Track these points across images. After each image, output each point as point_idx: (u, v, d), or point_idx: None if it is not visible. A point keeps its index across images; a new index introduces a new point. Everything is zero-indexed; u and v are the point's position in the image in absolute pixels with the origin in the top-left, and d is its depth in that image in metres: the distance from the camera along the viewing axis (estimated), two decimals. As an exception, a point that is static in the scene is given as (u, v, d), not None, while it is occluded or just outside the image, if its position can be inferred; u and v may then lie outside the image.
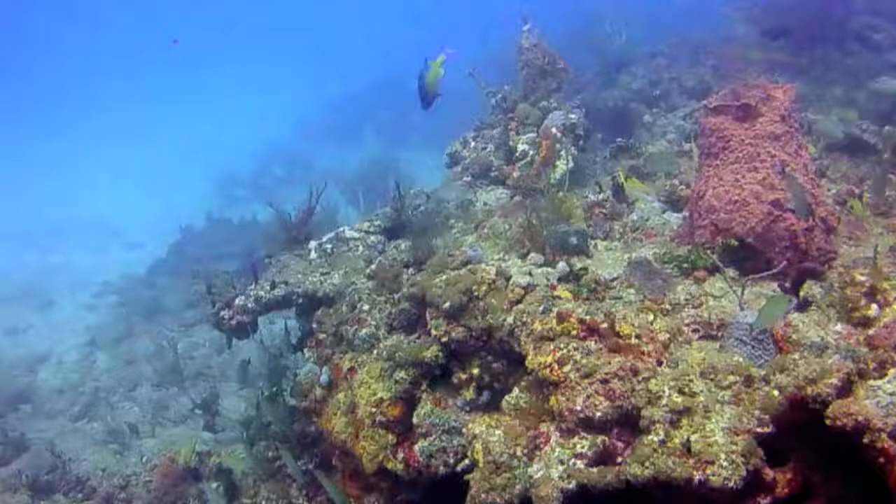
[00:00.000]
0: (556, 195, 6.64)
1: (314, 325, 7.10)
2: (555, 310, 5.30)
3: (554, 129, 7.72)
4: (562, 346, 5.09)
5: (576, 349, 5.03)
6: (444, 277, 5.83)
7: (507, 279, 5.73)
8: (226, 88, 35.83)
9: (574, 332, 5.13)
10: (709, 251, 5.72)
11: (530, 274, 5.73)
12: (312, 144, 26.52)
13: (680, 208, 7.45)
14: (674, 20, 16.47)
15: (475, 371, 5.76)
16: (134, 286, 17.76)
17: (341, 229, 7.79)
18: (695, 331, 5.25)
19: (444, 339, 5.72)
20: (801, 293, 5.22)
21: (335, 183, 20.20)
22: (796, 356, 4.75)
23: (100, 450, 11.27)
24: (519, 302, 5.55)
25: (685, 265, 5.70)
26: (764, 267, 5.65)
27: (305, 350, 7.27)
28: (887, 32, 12.74)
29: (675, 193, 7.43)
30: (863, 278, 5.07)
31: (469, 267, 5.82)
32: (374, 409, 6.08)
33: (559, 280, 5.66)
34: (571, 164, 7.68)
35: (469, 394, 5.80)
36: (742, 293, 5.24)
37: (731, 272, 5.59)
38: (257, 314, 7.39)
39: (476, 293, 5.63)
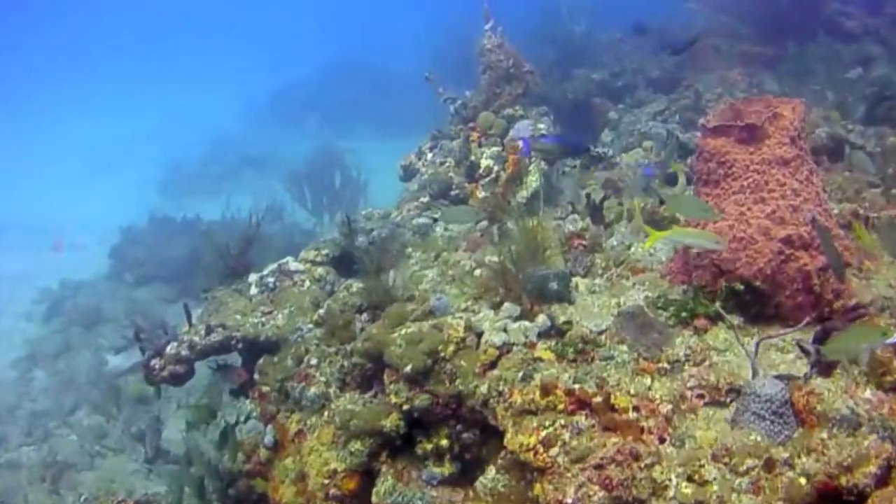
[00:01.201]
0: (528, 224, 5.70)
1: (256, 376, 6.11)
2: (537, 377, 4.39)
3: (521, 142, 6.77)
4: (547, 423, 4.18)
5: (564, 427, 4.12)
6: (404, 332, 4.88)
7: (479, 335, 4.80)
8: (170, 74, 34.00)
9: (561, 407, 4.23)
10: (710, 296, 4.86)
11: (505, 330, 4.80)
12: (259, 132, 25.18)
13: (662, 228, 6.61)
14: (632, 7, 15.56)
15: (443, 442, 4.84)
16: (74, 294, 16.44)
17: (284, 261, 6.78)
18: (699, 396, 4.39)
19: (405, 407, 4.78)
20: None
21: (281, 178, 19.11)
22: (824, 435, 3.91)
23: (34, 489, 10.17)
24: (493, 366, 4.63)
25: (683, 314, 4.83)
26: (772, 312, 4.82)
27: (248, 402, 6.27)
28: (859, 20, 12.00)
29: (657, 213, 6.57)
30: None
31: (433, 322, 4.87)
32: (326, 481, 5.15)
33: (539, 336, 4.74)
34: (541, 181, 6.76)
35: (436, 467, 4.89)
36: (756, 352, 4.39)
37: (735, 319, 4.74)
38: (192, 362, 6.37)
39: (442, 354, 4.69)
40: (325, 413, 5.38)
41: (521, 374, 4.46)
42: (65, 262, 18.73)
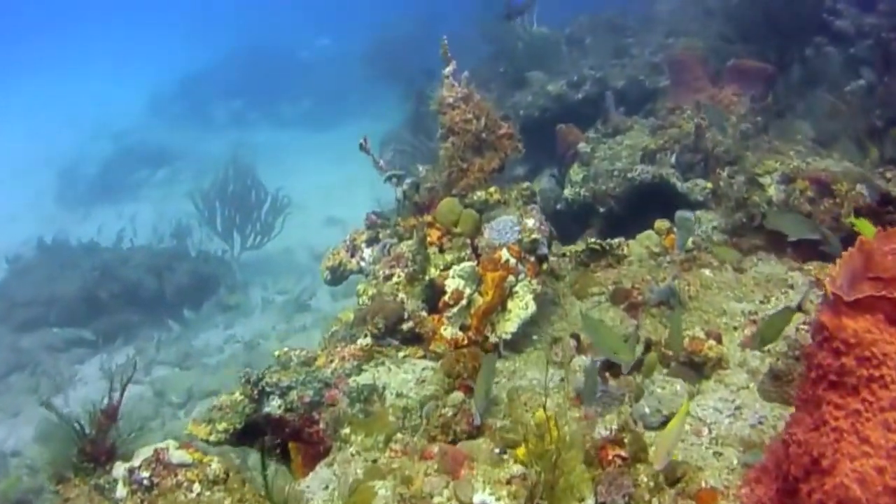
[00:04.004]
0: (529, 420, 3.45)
1: None
2: None
3: (505, 253, 4.48)
4: None
5: None
6: None
7: None
8: (63, 63, 29.96)
9: None
10: None
11: None
12: (166, 126, 22.05)
13: (705, 374, 4.47)
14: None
15: None
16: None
17: (163, 445, 4.33)
18: None
19: None
20: None
21: (191, 180, 16.35)
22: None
23: None
24: None
25: None
26: None
27: None
28: (852, 19, 9.95)
29: (699, 353, 4.41)
30: None
31: None
32: None
33: None
34: (533, 309, 4.49)
35: None
36: None
37: None
38: None
39: None
40: None
41: None
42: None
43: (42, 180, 19.55)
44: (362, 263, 5.23)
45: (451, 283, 4.42)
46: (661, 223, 5.56)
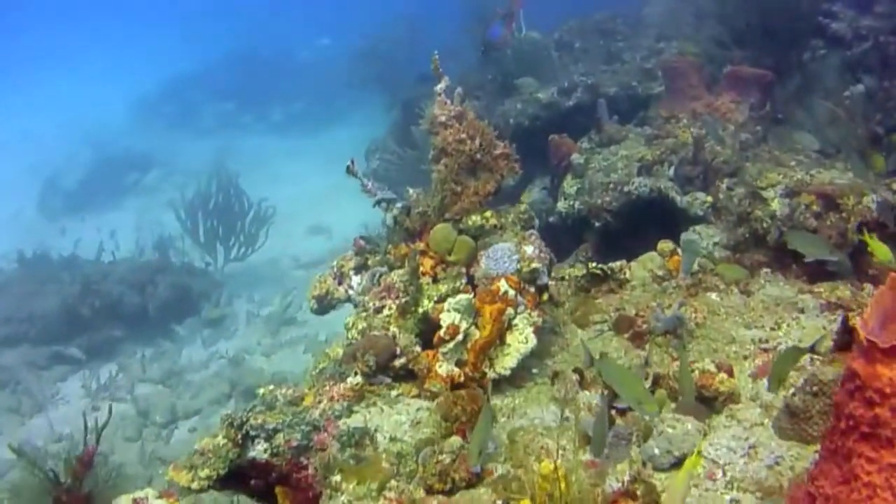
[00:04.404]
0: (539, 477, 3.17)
1: None
2: None
3: (503, 283, 4.20)
4: None
5: None
6: None
7: None
8: (43, 64, 29.39)
9: None
10: None
11: None
12: (151, 131, 21.59)
13: (717, 409, 4.22)
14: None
15: None
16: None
17: (142, 495, 4.04)
18: None
19: None
20: None
21: (174, 188, 15.95)
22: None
23: None
24: None
25: None
26: None
27: None
28: (848, 21, 9.71)
29: (710, 388, 4.16)
30: None
31: None
32: None
33: None
34: (533, 343, 4.22)
35: None
36: None
37: None
38: None
39: None
40: None
41: None
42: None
43: (25, 188, 19.08)
44: (350, 292, 4.93)
45: (447, 317, 4.13)
46: (665, 244, 5.30)
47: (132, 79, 25.15)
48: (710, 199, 6.65)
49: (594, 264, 5.08)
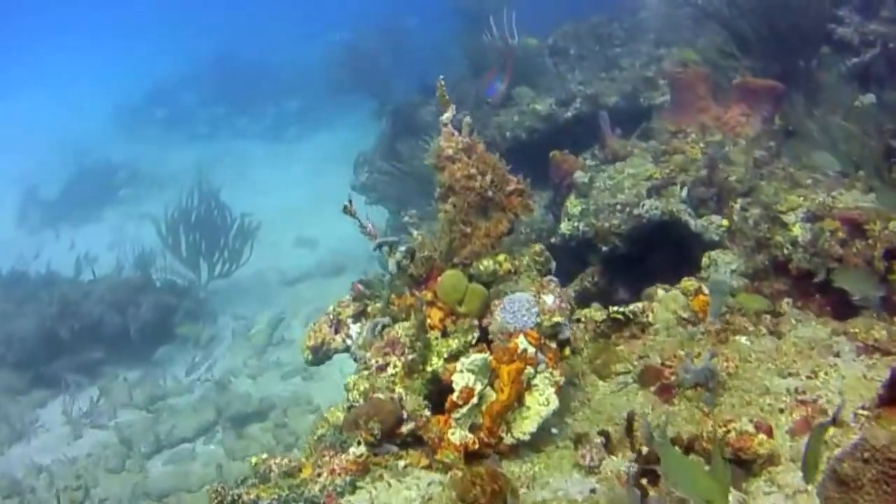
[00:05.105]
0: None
1: None
2: None
3: (522, 340, 3.78)
4: None
5: None
6: None
7: None
8: (22, 74, 28.63)
9: None
10: None
11: None
12: (133, 139, 20.99)
13: (755, 472, 3.83)
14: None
15: None
16: None
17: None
18: None
19: None
20: None
21: (156, 200, 15.45)
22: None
23: None
24: None
25: None
26: None
27: None
28: (855, 26, 9.35)
29: (748, 450, 3.77)
30: None
31: None
32: None
33: None
34: (555, 405, 3.81)
35: None
36: None
37: None
38: None
39: None
40: None
41: None
42: None
43: (5, 201, 18.50)
44: (349, 341, 4.49)
45: (461, 379, 3.70)
46: (689, 282, 4.88)
47: (112, 89, 24.48)
48: (725, 222, 6.26)
49: (615, 308, 4.65)
